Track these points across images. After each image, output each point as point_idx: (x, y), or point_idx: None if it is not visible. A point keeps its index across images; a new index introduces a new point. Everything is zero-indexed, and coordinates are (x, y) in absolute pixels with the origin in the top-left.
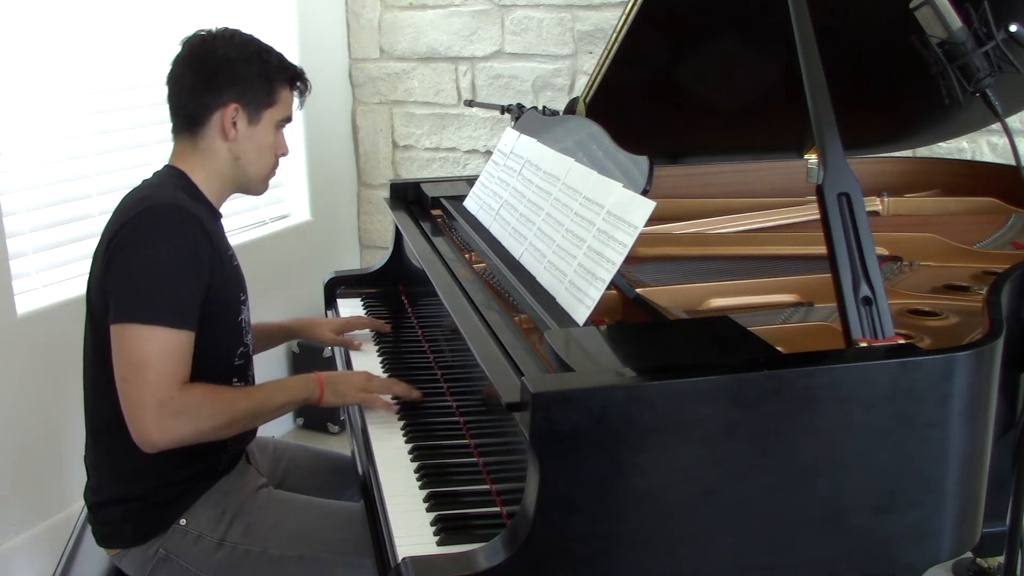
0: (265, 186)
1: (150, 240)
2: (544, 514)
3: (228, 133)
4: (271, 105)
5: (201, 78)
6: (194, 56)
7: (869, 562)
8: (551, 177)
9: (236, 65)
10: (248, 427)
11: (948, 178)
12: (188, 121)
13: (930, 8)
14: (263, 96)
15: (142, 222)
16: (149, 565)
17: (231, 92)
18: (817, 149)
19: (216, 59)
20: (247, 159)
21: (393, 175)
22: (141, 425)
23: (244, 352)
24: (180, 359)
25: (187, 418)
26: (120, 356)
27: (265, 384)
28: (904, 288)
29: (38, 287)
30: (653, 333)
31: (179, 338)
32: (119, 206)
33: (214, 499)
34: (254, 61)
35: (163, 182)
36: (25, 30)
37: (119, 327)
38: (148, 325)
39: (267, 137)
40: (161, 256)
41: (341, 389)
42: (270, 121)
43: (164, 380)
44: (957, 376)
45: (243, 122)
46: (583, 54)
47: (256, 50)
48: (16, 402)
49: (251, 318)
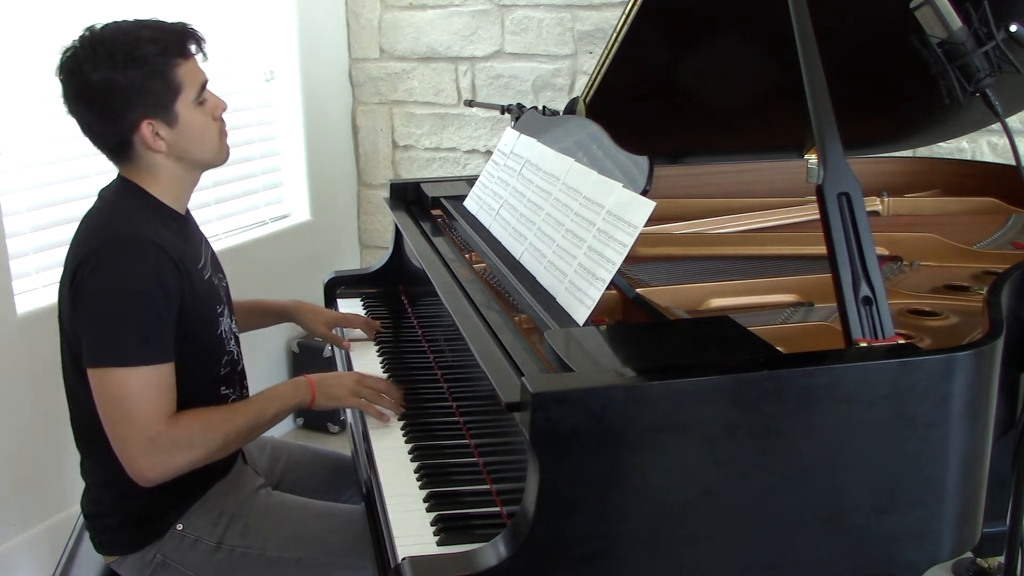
0: (224, 152)
1: (112, 277)
2: (544, 514)
3: (156, 146)
4: (177, 94)
5: (96, 113)
6: (75, 91)
7: (869, 562)
8: (551, 177)
9: (118, 84)
10: (243, 444)
11: (948, 178)
12: (114, 152)
13: (930, 8)
14: (164, 92)
15: (102, 258)
16: (147, 571)
17: (133, 112)
18: (817, 149)
19: (95, 86)
20: (190, 150)
21: (393, 175)
22: (135, 465)
23: (229, 360)
24: (163, 393)
25: (179, 451)
26: (102, 400)
27: (255, 398)
28: (904, 288)
29: (38, 287)
30: (653, 333)
31: (158, 373)
32: (77, 233)
33: (210, 502)
34: (131, 66)
35: (119, 205)
36: (25, 30)
37: (97, 372)
38: (125, 367)
39: (196, 121)
40: (125, 292)
41: (333, 392)
42: (187, 105)
43: (150, 417)
44: (957, 376)
45: (164, 129)
46: (583, 54)
47: (126, 52)
48: (16, 402)
49: (232, 327)
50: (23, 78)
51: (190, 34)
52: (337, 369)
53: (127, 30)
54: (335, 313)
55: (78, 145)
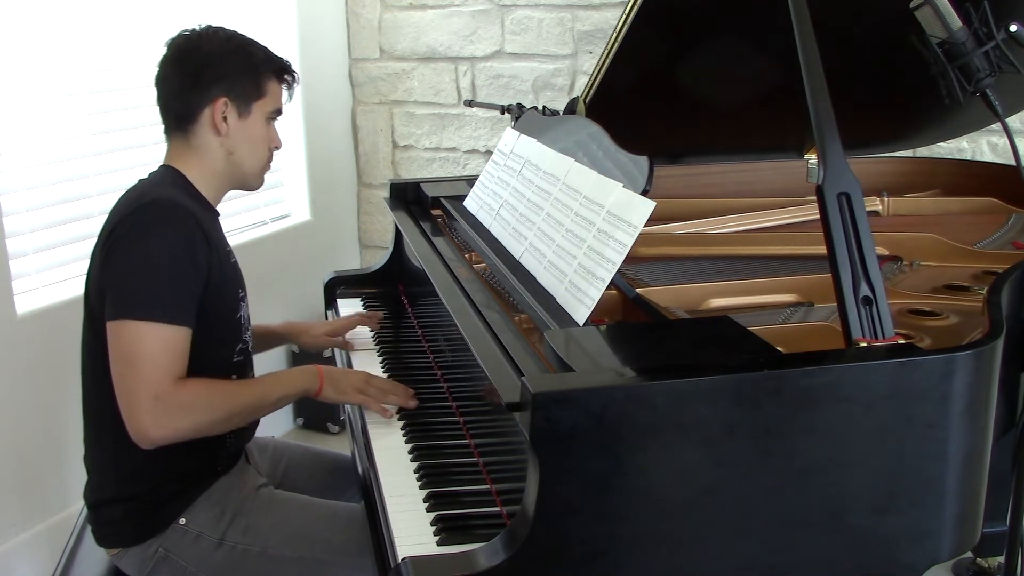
0: (261, 180)
1: (147, 236)
2: (544, 514)
3: (220, 128)
4: (260, 97)
5: (188, 76)
6: (179, 55)
7: (869, 562)
8: (551, 177)
9: (222, 60)
10: (247, 421)
11: (948, 178)
12: (179, 120)
13: (930, 8)
14: (251, 89)
15: (139, 218)
16: (149, 565)
17: (219, 87)
18: (817, 149)
19: (201, 55)
20: (240, 153)
21: (393, 175)
22: (137, 421)
23: (243, 348)
24: (176, 355)
25: (183, 413)
26: (115, 352)
27: (264, 376)
28: (904, 288)
29: (38, 287)
30: (653, 333)
31: (175, 334)
32: (116, 204)
33: (214, 498)
34: (239, 55)
35: (161, 181)
36: (25, 30)
37: (115, 323)
38: (143, 321)
39: (259, 130)
40: (158, 252)
41: (341, 386)
42: (260, 114)
43: (159, 375)
44: (957, 376)
45: (233, 116)
46: (583, 54)
47: (241, 43)
48: (16, 402)
49: (251, 316)
50: (24, 78)
51: (291, 70)
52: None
53: (248, 37)
54: (328, 323)
55: (79, 145)
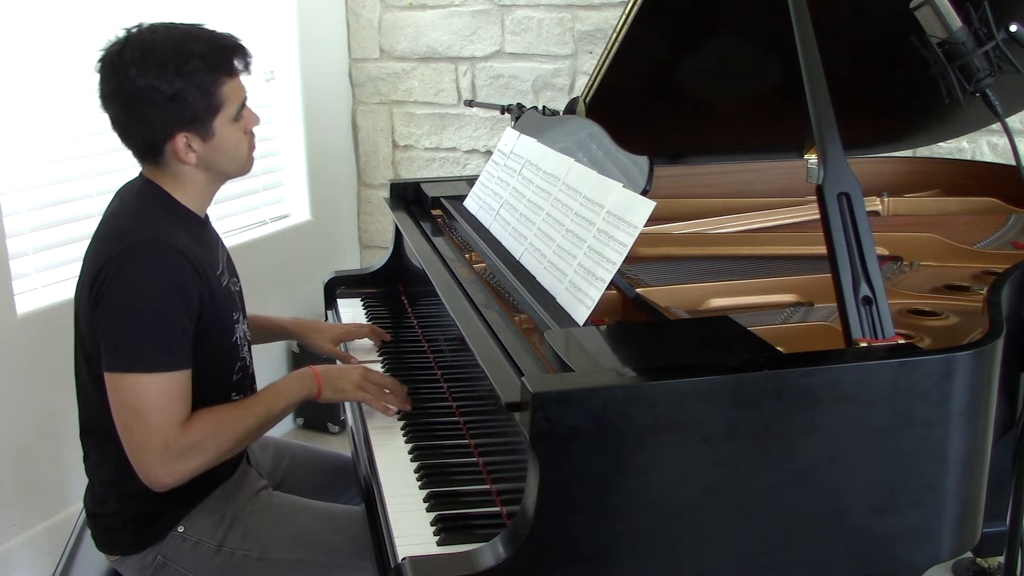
0: (250, 164)
1: (133, 282)
2: (544, 514)
3: (187, 159)
4: (218, 111)
5: (132, 116)
6: (114, 90)
7: (869, 562)
8: (551, 177)
9: (161, 93)
10: (255, 440)
11: (948, 178)
12: (143, 153)
13: (930, 8)
14: (206, 111)
15: (124, 262)
16: (147, 572)
17: (171, 122)
18: (817, 149)
19: (138, 91)
20: (219, 163)
21: (393, 175)
22: (149, 471)
23: (242, 366)
24: (179, 400)
25: (193, 455)
26: (118, 405)
27: (262, 393)
28: (904, 288)
29: (38, 287)
30: (653, 333)
31: (176, 380)
32: (97, 234)
33: (212, 505)
34: (178, 79)
35: (141, 207)
36: (25, 30)
37: (114, 376)
38: (143, 373)
39: (230, 136)
40: (146, 297)
41: (339, 385)
42: (225, 122)
43: (166, 423)
44: (957, 376)
45: (197, 142)
46: (583, 54)
47: (175, 65)
48: (16, 402)
49: (246, 331)
50: (24, 78)
51: (239, 50)
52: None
53: (179, 40)
54: (339, 327)
55: (79, 145)
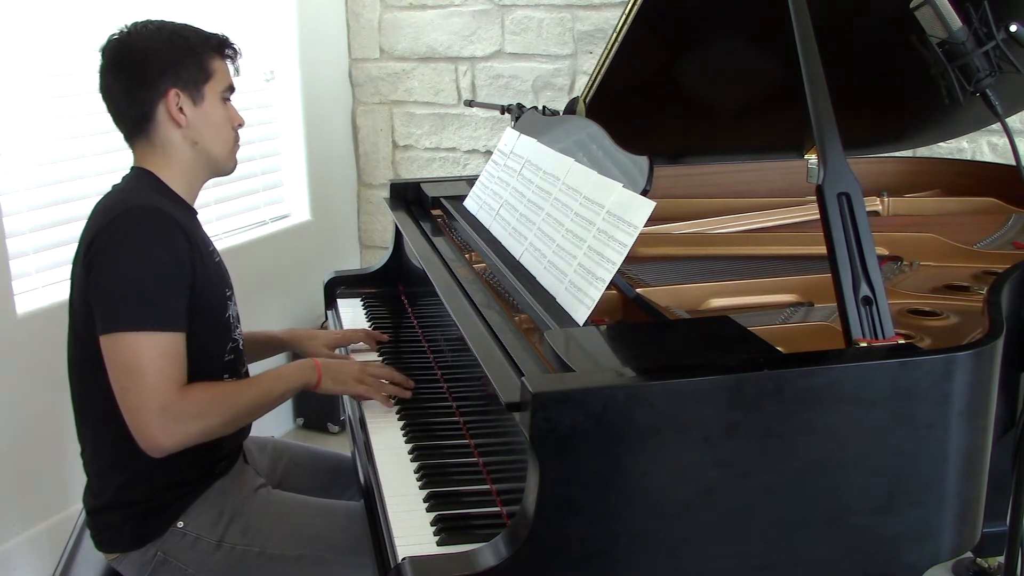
0: (233, 162)
1: (129, 244)
2: (544, 514)
3: (178, 119)
4: (208, 79)
5: (131, 78)
6: (116, 59)
7: (869, 562)
8: (551, 177)
9: (159, 52)
10: (252, 419)
11: (948, 178)
12: (136, 123)
13: (930, 8)
14: (197, 72)
15: (119, 227)
16: (147, 569)
17: (165, 80)
18: (817, 149)
19: (138, 53)
20: (205, 139)
21: (393, 175)
22: (147, 432)
23: (234, 347)
24: (175, 361)
25: (192, 419)
26: (115, 366)
27: (263, 374)
28: (904, 288)
29: (38, 287)
30: (653, 333)
31: (171, 340)
32: (93, 211)
33: (211, 500)
34: (175, 42)
35: (134, 185)
36: (25, 30)
37: (109, 337)
38: (138, 332)
39: (217, 112)
40: (142, 259)
41: (339, 376)
42: (214, 95)
43: (163, 384)
44: (957, 376)
45: (188, 104)
46: (583, 54)
47: (172, 31)
48: (16, 402)
49: (239, 314)
50: (24, 78)
51: (230, 43)
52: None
53: (178, 23)
54: (334, 333)
55: (78, 145)
